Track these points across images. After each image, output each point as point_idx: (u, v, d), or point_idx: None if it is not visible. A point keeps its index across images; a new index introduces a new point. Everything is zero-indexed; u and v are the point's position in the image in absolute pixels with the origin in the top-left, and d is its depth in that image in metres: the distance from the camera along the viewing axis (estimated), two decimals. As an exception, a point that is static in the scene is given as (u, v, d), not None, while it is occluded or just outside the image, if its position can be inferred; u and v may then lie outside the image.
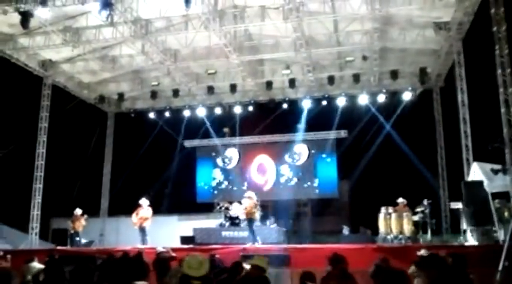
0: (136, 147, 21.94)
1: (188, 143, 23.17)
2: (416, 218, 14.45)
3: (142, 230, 15.24)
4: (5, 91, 18.47)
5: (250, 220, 14.58)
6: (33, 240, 17.60)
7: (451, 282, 4.68)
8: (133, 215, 15.48)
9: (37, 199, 18.08)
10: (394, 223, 14.17)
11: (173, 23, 15.74)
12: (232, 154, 22.83)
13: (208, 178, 22.88)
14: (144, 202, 15.57)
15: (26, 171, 18.79)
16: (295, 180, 21.84)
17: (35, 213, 18.00)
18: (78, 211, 16.53)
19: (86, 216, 16.61)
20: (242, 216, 15.42)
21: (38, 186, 18.14)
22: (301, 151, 21.98)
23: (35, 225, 17.90)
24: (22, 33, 15.65)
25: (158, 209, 16.71)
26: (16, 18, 13.85)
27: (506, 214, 12.26)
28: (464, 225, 13.40)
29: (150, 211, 15.55)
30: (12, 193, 19.15)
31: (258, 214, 15.43)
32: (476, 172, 13.71)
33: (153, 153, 22.22)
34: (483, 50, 14.24)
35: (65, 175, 20.84)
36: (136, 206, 15.62)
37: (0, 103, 18.55)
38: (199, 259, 4.63)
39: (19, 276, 6.35)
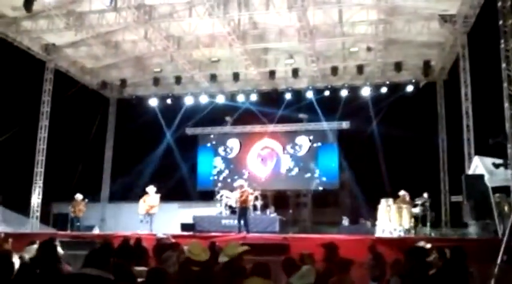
0: (138, 133, 21.92)
1: (190, 131, 23.16)
2: (416, 210, 14.47)
3: (150, 216, 15.33)
4: (7, 75, 18.40)
5: (245, 209, 14.56)
6: (34, 224, 17.67)
7: (450, 275, 4.69)
8: (141, 202, 15.56)
9: (38, 184, 18.12)
10: (393, 215, 14.19)
11: (177, 10, 15.65)
12: (234, 143, 22.83)
13: (209, 166, 22.90)
14: (150, 189, 15.63)
15: (27, 155, 18.82)
16: (296, 170, 21.86)
17: (36, 197, 18.06)
18: (79, 197, 16.60)
19: (86, 201, 16.68)
20: (236, 204, 15.21)
21: (40, 170, 18.18)
22: (302, 142, 21.98)
23: (36, 209, 17.96)
24: (25, 16, 15.60)
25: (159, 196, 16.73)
26: (19, 1, 13.77)
27: (506, 208, 12.25)
28: (466, 218, 13.41)
29: (157, 198, 15.62)
30: (14, 177, 19.18)
31: (252, 203, 15.38)
32: (477, 166, 13.69)
33: (155, 140, 22.23)
34: (488, 43, 14.15)
35: (67, 160, 20.86)
36: (143, 193, 15.65)
37: (3, 86, 18.50)
38: (202, 247, 4.69)
39: (19, 259, 6.36)
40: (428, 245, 7.43)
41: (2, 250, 7.15)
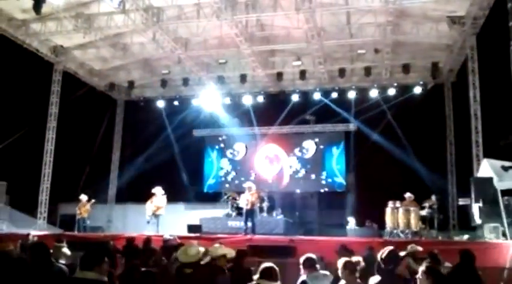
0: (145, 135, 21.98)
1: (197, 132, 23.17)
2: (423, 213, 14.39)
3: (156, 218, 15.35)
4: (16, 77, 18.54)
5: (253, 211, 14.57)
6: (41, 225, 17.75)
7: (460, 278, 4.65)
8: (148, 203, 15.58)
9: (46, 184, 18.22)
10: (401, 218, 14.11)
11: (185, 12, 15.69)
12: (241, 144, 22.82)
13: (216, 168, 22.90)
14: (157, 190, 15.63)
15: (35, 156, 18.93)
16: (302, 172, 21.81)
17: (44, 198, 18.16)
18: (84, 197, 16.61)
19: (92, 201, 16.66)
20: (247, 206, 15.07)
21: (47, 171, 18.28)
22: (309, 145, 21.93)
23: (43, 210, 18.06)
24: (34, 18, 15.70)
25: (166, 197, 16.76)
26: (29, 3, 13.85)
27: (515, 211, 12.16)
28: (474, 221, 13.30)
29: (164, 199, 15.62)
30: (22, 178, 19.29)
31: (259, 205, 15.37)
32: (486, 168, 13.59)
33: (162, 141, 22.24)
34: (497, 45, 14.04)
35: (74, 161, 20.95)
36: (150, 194, 15.68)
37: (11, 88, 18.64)
38: (196, 248, 4.66)
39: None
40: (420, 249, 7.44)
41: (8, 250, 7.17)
